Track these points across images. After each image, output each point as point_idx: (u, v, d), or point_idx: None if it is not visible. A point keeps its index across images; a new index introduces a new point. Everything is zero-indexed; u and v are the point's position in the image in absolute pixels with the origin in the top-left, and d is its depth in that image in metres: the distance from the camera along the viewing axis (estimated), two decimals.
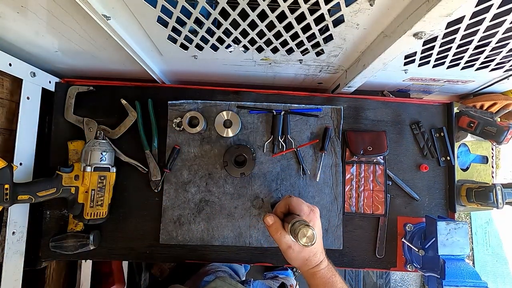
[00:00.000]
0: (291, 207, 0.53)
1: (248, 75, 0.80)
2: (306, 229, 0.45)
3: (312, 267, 0.52)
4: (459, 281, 0.63)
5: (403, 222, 0.78)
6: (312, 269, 0.52)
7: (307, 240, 0.45)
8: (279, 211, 0.55)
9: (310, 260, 0.52)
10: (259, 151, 0.77)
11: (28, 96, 0.66)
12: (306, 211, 0.52)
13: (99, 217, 0.68)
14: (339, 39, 0.57)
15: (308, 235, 0.45)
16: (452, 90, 0.88)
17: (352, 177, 0.78)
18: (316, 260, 0.52)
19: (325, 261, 0.53)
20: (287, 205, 0.54)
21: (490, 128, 0.77)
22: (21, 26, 0.56)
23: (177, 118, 0.74)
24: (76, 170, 0.66)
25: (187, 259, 0.75)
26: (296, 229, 0.45)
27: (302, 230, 0.45)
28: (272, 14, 0.47)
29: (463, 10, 0.46)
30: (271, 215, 0.52)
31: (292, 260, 0.52)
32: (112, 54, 0.67)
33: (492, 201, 0.73)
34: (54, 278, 0.82)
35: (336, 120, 0.78)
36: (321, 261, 0.53)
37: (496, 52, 0.61)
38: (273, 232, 0.51)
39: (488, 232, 1.92)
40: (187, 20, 0.50)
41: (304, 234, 0.45)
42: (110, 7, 0.49)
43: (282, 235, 0.50)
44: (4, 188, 0.56)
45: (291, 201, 0.53)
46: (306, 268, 0.52)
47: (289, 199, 0.54)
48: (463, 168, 0.85)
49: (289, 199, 0.54)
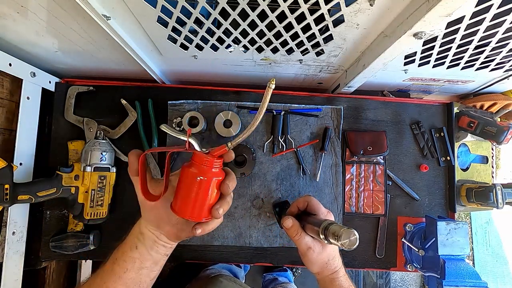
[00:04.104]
0: (309, 205, 0.54)
1: (248, 75, 0.80)
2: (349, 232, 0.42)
3: (331, 273, 0.51)
4: (459, 281, 0.63)
5: (403, 222, 0.78)
6: (331, 275, 0.51)
7: (349, 244, 0.42)
8: (296, 206, 0.56)
9: (330, 264, 0.51)
10: (259, 151, 0.77)
11: (28, 96, 0.66)
12: (324, 212, 0.53)
13: (99, 217, 0.68)
14: (339, 39, 0.57)
15: (351, 238, 0.42)
16: (452, 90, 0.88)
17: (352, 177, 0.78)
18: (335, 264, 0.51)
19: (343, 268, 0.53)
20: (306, 202, 0.55)
21: (490, 128, 0.77)
22: (21, 26, 0.56)
23: (177, 118, 0.74)
24: (76, 170, 0.66)
25: (187, 259, 0.75)
26: (338, 231, 0.42)
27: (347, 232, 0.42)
28: (272, 14, 0.47)
29: (463, 10, 0.46)
30: (290, 218, 0.52)
31: (312, 263, 0.51)
32: (112, 54, 0.67)
33: (492, 201, 0.73)
34: (54, 278, 0.82)
35: (336, 120, 0.78)
36: (340, 267, 0.52)
37: (496, 52, 0.61)
38: (292, 234, 0.51)
39: (488, 232, 1.92)
40: (187, 20, 0.50)
41: (348, 236, 0.42)
42: (110, 7, 0.49)
43: (302, 236, 0.50)
44: (4, 188, 0.56)
45: (311, 200, 0.54)
46: (326, 274, 0.51)
47: (308, 197, 0.55)
48: (463, 168, 0.85)
49: (309, 197, 0.55)
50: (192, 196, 0.38)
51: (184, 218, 0.39)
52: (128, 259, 0.42)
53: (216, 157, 0.38)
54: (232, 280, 0.78)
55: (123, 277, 0.41)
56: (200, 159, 0.38)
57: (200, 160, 0.38)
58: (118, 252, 0.43)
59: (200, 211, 0.39)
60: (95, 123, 0.71)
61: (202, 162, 0.38)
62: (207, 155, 0.38)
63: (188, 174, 0.38)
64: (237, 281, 0.79)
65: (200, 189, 0.38)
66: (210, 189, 0.38)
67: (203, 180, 0.38)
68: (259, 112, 0.36)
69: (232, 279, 0.79)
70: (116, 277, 0.41)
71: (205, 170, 0.38)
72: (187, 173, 0.38)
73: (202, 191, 0.38)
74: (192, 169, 0.38)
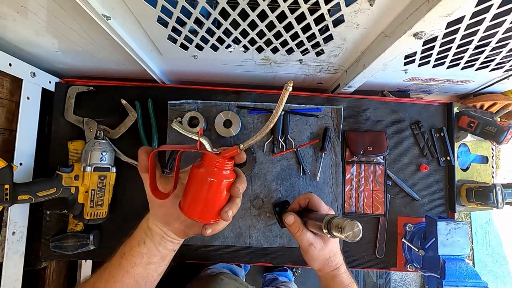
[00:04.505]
0: (311, 202, 0.55)
1: (248, 75, 0.80)
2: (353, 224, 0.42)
3: (332, 269, 0.51)
4: (459, 281, 0.63)
5: (403, 222, 0.78)
6: (332, 271, 0.51)
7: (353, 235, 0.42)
8: (298, 204, 0.56)
9: (331, 260, 0.51)
10: (259, 151, 0.77)
11: (28, 96, 0.66)
12: (325, 208, 0.53)
13: (99, 217, 0.68)
14: (339, 39, 0.57)
15: (355, 229, 0.42)
16: (452, 90, 0.88)
17: (352, 177, 0.78)
18: (336, 261, 0.52)
19: (344, 265, 0.53)
20: (307, 199, 0.55)
21: (490, 128, 0.77)
22: (21, 26, 0.56)
23: (177, 118, 0.74)
24: (76, 170, 0.66)
25: (187, 259, 0.75)
26: (341, 223, 0.42)
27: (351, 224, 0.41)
28: (272, 14, 0.47)
29: (463, 10, 0.46)
30: (291, 214, 0.52)
31: (314, 259, 0.51)
32: (112, 54, 0.67)
33: (492, 201, 0.73)
34: (54, 278, 0.82)
35: (336, 120, 0.78)
36: (341, 264, 0.52)
37: (496, 52, 0.61)
38: (294, 230, 0.51)
39: (488, 232, 1.92)
40: (187, 20, 0.50)
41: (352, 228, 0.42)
42: (110, 7, 0.49)
43: (303, 233, 0.50)
44: (4, 188, 0.56)
45: (312, 197, 0.55)
46: (327, 270, 0.52)
47: (310, 195, 0.55)
48: (463, 168, 0.85)
49: (310, 194, 0.55)
50: (201, 197, 0.37)
51: (193, 219, 0.38)
52: (136, 254, 0.42)
53: (227, 159, 0.37)
54: (233, 278, 0.79)
55: (131, 272, 0.41)
56: (211, 160, 0.37)
57: (211, 161, 0.37)
58: (126, 246, 0.43)
59: (209, 212, 0.38)
60: (95, 123, 0.71)
61: (213, 164, 0.36)
62: (218, 156, 0.37)
63: (198, 174, 0.37)
64: (238, 279, 0.80)
65: (210, 191, 0.37)
66: (220, 191, 0.37)
67: (213, 182, 0.37)
68: (274, 114, 0.34)
69: (233, 277, 0.79)
70: (124, 271, 0.41)
71: (216, 172, 0.37)
72: (197, 173, 0.37)
73: (212, 193, 0.37)
74: (203, 170, 0.37)
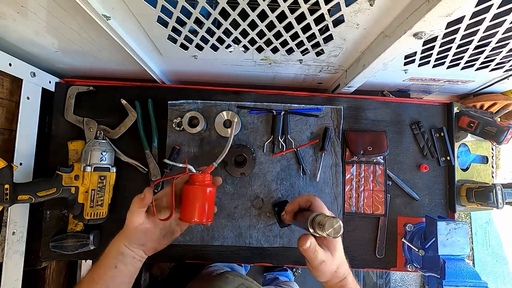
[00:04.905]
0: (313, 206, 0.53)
1: (248, 75, 0.80)
2: (333, 220, 0.43)
3: (340, 280, 0.50)
4: (459, 281, 0.63)
5: (403, 222, 0.78)
6: (341, 282, 0.50)
7: (334, 232, 0.43)
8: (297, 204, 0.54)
9: (339, 272, 0.50)
10: (259, 151, 0.77)
11: (28, 96, 0.66)
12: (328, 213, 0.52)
13: (99, 217, 0.68)
14: (339, 39, 0.57)
15: (335, 226, 0.43)
16: (452, 90, 0.88)
17: (352, 177, 0.78)
18: (343, 271, 0.51)
19: (351, 274, 0.52)
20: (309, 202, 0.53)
21: (490, 128, 0.77)
22: (21, 26, 0.56)
23: (177, 118, 0.74)
24: (76, 170, 0.66)
25: (187, 259, 0.75)
26: (322, 220, 0.43)
27: (330, 220, 0.43)
28: (272, 14, 0.47)
29: (463, 10, 0.46)
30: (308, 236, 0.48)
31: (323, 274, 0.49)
32: (112, 54, 0.67)
33: (492, 201, 0.73)
34: (54, 278, 0.83)
35: (336, 120, 0.78)
36: (348, 273, 0.51)
37: (496, 52, 0.61)
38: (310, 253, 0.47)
39: (488, 232, 1.92)
40: (187, 20, 0.50)
41: (332, 225, 0.43)
42: (110, 7, 0.49)
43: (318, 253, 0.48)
44: (4, 188, 0.56)
45: (315, 200, 0.53)
46: (335, 281, 0.50)
47: (313, 198, 0.53)
48: (463, 168, 0.85)
49: (313, 197, 0.54)
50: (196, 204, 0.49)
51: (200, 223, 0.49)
52: (108, 278, 0.46)
53: (207, 173, 0.51)
54: (238, 275, 0.78)
55: None
56: (197, 177, 0.50)
57: (197, 178, 0.50)
58: (94, 274, 0.47)
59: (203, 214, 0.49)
60: (95, 123, 0.71)
61: (198, 180, 0.50)
62: (200, 174, 0.50)
63: (190, 190, 0.49)
64: (243, 276, 0.79)
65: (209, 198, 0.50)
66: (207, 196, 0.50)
67: (211, 191, 0.50)
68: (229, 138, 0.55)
69: (238, 274, 0.79)
70: None
71: (207, 184, 0.50)
72: (189, 189, 0.49)
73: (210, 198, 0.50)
74: (192, 186, 0.49)
